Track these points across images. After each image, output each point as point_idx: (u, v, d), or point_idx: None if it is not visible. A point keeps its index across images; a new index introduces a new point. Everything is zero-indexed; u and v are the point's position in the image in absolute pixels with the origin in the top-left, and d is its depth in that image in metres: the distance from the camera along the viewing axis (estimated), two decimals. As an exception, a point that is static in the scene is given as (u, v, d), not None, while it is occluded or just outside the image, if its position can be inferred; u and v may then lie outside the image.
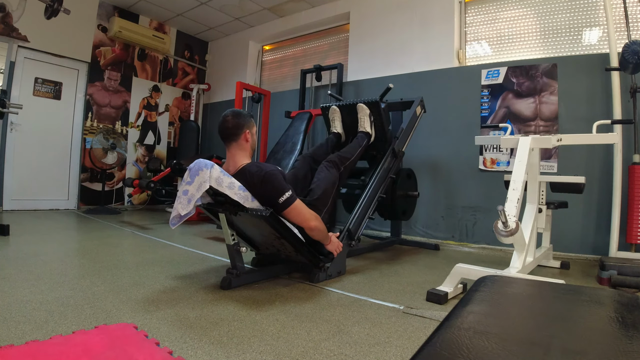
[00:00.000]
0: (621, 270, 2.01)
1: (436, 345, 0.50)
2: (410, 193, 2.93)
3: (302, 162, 2.27)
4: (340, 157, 2.24)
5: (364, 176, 2.58)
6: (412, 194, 2.94)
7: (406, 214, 2.98)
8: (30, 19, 4.05)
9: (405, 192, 2.88)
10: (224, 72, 5.73)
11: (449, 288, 1.73)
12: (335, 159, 2.21)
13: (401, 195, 2.80)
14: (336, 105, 2.64)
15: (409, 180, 2.97)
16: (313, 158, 2.30)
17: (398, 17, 3.87)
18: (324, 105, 2.73)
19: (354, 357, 1.11)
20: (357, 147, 2.38)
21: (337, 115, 2.63)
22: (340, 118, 2.64)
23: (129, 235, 3.09)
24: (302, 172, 2.21)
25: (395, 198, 2.73)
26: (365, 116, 2.52)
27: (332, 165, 2.17)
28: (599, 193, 2.75)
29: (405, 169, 2.98)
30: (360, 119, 2.53)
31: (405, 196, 2.88)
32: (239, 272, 1.76)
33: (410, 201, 2.98)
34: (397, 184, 2.75)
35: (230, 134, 1.79)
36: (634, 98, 2.54)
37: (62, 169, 4.52)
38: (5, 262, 1.99)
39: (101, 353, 1.00)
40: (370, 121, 2.53)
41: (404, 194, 2.85)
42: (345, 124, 2.63)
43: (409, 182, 2.97)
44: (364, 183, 2.47)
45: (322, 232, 1.83)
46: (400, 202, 2.80)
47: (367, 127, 2.51)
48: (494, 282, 0.80)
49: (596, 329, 0.58)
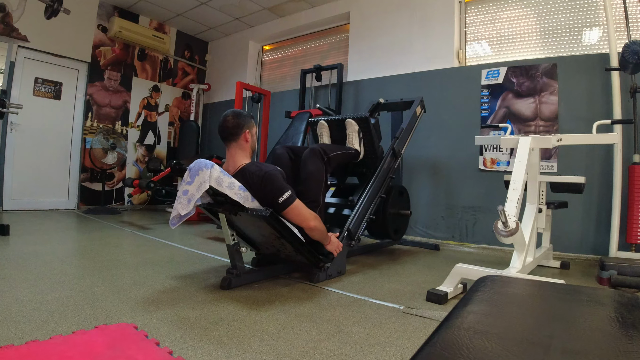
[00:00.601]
0: (621, 270, 2.01)
1: (436, 345, 0.50)
2: (402, 212, 2.84)
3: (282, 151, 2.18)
4: (324, 148, 2.13)
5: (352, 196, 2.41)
6: (404, 213, 2.86)
7: (398, 233, 2.89)
8: (30, 19, 4.05)
9: (397, 211, 2.79)
10: (224, 72, 5.73)
11: (449, 288, 1.73)
12: (318, 148, 2.10)
13: (393, 214, 2.72)
14: (324, 120, 2.52)
15: (401, 197, 2.88)
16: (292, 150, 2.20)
17: (398, 17, 3.87)
18: (312, 120, 2.62)
19: (354, 357, 1.11)
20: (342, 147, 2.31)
21: (325, 131, 2.51)
22: (329, 133, 2.52)
23: (129, 235, 3.09)
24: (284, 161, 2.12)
25: (387, 217, 2.62)
26: (354, 132, 2.39)
27: (315, 155, 2.06)
28: (599, 193, 2.75)
29: (398, 186, 2.87)
30: (349, 135, 2.40)
31: (397, 215, 2.80)
32: (239, 272, 1.76)
33: (402, 220, 2.90)
34: (389, 202, 2.64)
35: (230, 134, 1.80)
36: (634, 98, 2.54)
37: (62, 169, 4.52)
38: (5, 262, 1.99)
39: (101, 353, 1.00)
40: (359, 138, 2.40)
41: (395, 213, 2.76)
42: (334, 139, 2.51)
43: (401, 200, 2.87)
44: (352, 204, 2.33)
45: (322, 232, 1.83)
46: (392, 220, 2.71)
47: (355, 144, 2.39)
48: (494, 282, 0.80)
49: (596, 329, 0.58)
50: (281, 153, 2.16)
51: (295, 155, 2.17)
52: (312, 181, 2.00)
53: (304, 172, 2.04)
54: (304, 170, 2.04)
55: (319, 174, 2.03)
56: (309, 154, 2.06)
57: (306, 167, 2.04)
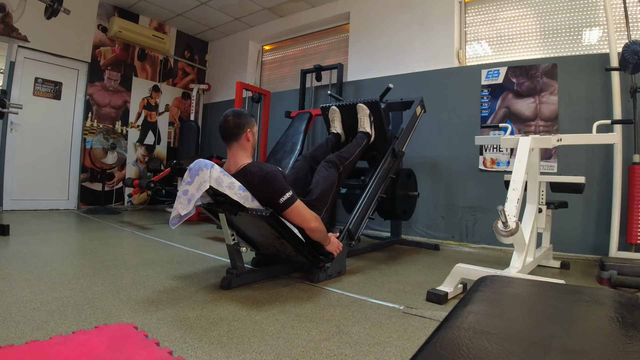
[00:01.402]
0: (621, 270, 2.01)
1: (436, 345, 0.50)
2: (410, 193, 2.93)
3: (303, 163, 2.27)
4: (340, 157, 2.23)
5: (364, 176, 2.57)
6: (412, 194, 2.94)
7: (406, 213, 2.98)
8: (30, 19, 4.05)
9: (406, 192, 2.87)
10: (224, 72, 5.73)
11: (449, 288, 1.73)
12: (334, 158, 2.21)
13: (401, 195, 2.80)
14: (336, 106, 2.64)
15: (408, 180, 2.97)
16: (313, 158, 2.30)
17: (398, 17, 3.87)
18: (324, 106, 2.73)
19: (354, 357, 1.11)
20: (356, 146, 2.38)
21: (337, 116, 2.63)
22: (340, 118, 2.63)
23: (129, 235, 3.09)
24: (302, 173, 2.21)
25: (396, 198, 2.73)
26: (365, 116, 2.51)
27: (331, 165, 2.17)
28: (599, 193, 2.75)
29: (405, 169, 2.97)
30: (360, 119, 2.53)
31: (406, 196, 2.87)
32: (239, 272, 1.76)
33: (410, 201, 2.98)
34: (397, 184, 2.74)
35: (232, 134, 1.79)
36: (634, 98, 2.54)
37: (62, 169, 4.52)
38: (5, 262, 1.99)
39: (101, 353, 1.00)
40: (370, 121, 2.52)
41: (404, 194, 2.84)
42: (345, 124, 2.63)
43: (408, 182, 2.96)
44: (364, 183, 2.46)
45: (322, 233, 1.83)
46: (401, 202, 2.79)
47: (367, 128, 2.51)
48: (494, 282, 0.80)
49: (596, 329, 0.58)
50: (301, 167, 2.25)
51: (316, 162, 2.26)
52: (324, 183, 2.07)
53: (317, 175, 2.12)
54: (318, 174, 2.12)
55: (332, 178, 2.11)
56: (325, 165, 2.17)
57: (320, 172, 2.14)
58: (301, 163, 2.28)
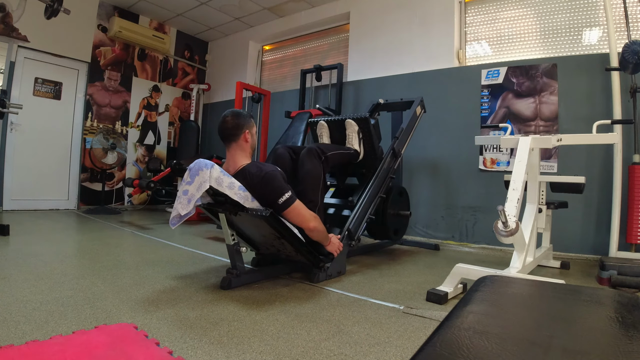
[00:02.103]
0: (621, 270, 2.01)
1: (436, 345, 0.50)
2: (402, 212, 2.83)
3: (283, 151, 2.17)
4: (321, 147, 2.13)
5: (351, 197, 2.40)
6: (404, 213, 2.85)
7: (398, 233, 2.88)
8: (30, 19, 4.05)
9: (397, 211, 2.78)
10: (224, 72, 5.73)
11: (449, 288, 1.73)
12: (314, 147, 2.10)
13: (392, 214, 2.71)
14: (324, 121, 2.52)
15: (400, 198, 2.87)
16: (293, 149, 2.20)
17: (398, 17, 3.87)
18: (312, 120, 2.62)
19: (354, 357, 1.11)
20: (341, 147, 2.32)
21: (324, 131, 2.50)
22: (329, 134, 2.52)
23: (129, 235, 3.09)
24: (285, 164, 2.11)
25: (387, 217, 2.62)
26: (354, 133, 2.40)
27: (312, 154, 2.06)
28: (599, 193, 2.75)
29: (397, 187, 2.86)
30: (348, 136, 2.41)
31: (397, 215, 2.79)
32: (239, 272, 1.76)
33: (402, 220, 2.89)
34: (389, 203, 2.63)
35: (230, 135, 1.79)
36: (634, 98, 2.54)
37: (62, 169, 4.52)
38: (5, 262, 1.99)
39: (101, 353, 1.00)
40: (359, 138, 2.41)
41: (395, 213, 2.75)
42: (333, 139, 2.51)
43: (400, 200, 2.86)
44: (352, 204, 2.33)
45: (322, 232, 1.83)
46: (392, 221, 2.70)
47: (355, 145, 2.40)
48: (494, 282, 0.80)
49: (596, 329, 0.58)
50: (282, 153, 2.16)
51: (296, 154, 2.17)
52: (309, 180, 2.00)
53: (301, 171, 2.04)
54: (302, 169, 2.04)
55: (316, 172, 2.03)
56: (306, 154, 2.06)
57: (303, 166, 2.04)
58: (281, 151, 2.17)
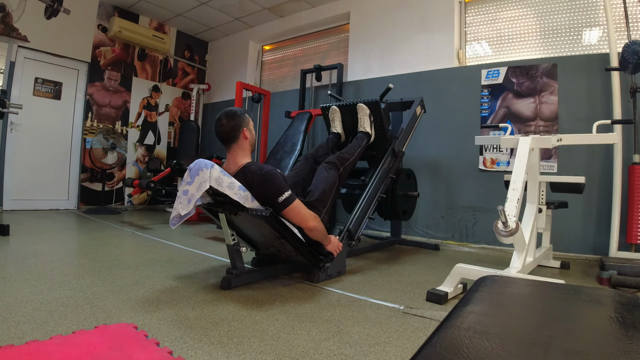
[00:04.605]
0: (621, 270, 2.01)
1: (436, 345, 0.50)
2: (410, 193, 2.92)
3: (304, 163, 2.27)
4: (340, 158, 2.23)
5: (364, 176, 2.57)
6: (412, 194, 2.94)
7: (406, 213, 2.98)
8: (30, 19, 4.05)
9: (405, 192, 2.87)
10: (224, 72, 5.73)
11: (449, 288, 1.73)
12: (334, 159, 2.21)
13: (401, 195, 2.80)
14: (336, 106, 2.64)
15: (408, 180, 2.97)
16: (314, 158, 2.31)
17: (398, 17, 3.87)
18: (324, 105, 2.73)
19: (354, 357, 1.11)
20: (356, 147, 2.38)
21: (337, 116, 2.63)
22: (340, 118, 2.64)
23: (129, 235, 3.09)
24: (303, 174, 2.21)
25: (396, 198, 2.73)
26: (365, 116, 2.51)
27: (331, 166, 2.17)
28: (599, 193, 2.75)
29: (405, 169, 2.97)
30: (360, 119, 2.53)
31: (405, 196, 2.87)
32: (239, 272, 1.76)
33: (410, 201, 2.97)
34: (397, 184, 2.74)
35: (230, 137, 1.79)
36: (634, 98, 2.54)
37: (62, 169, 4.52)
38: (5, 262, 1.99)
39: (101, 353, 1.00)
40: (370, 121, 2.52)
41: (404, 194, 2.84)
42: (345, 124, 2.64)
43: (408, 182, 2.96)
44: (364, 183, 2.46)
45: (322, 232, 1.83)
46: (401, 202, 2.79)
47: (367, 127, 2.51)
48: (494, 282, 0.80)
49: (596, 329, 0.58)
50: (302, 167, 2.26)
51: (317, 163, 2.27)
52: (324, 184, 2.07)
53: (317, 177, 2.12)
54: (319, 176, 2.12)
55: (332, 179, 2.11)
56: (325, 167, 2.17)
57: (321, 174, 2.13)
58: (302, 164, 2.28)
